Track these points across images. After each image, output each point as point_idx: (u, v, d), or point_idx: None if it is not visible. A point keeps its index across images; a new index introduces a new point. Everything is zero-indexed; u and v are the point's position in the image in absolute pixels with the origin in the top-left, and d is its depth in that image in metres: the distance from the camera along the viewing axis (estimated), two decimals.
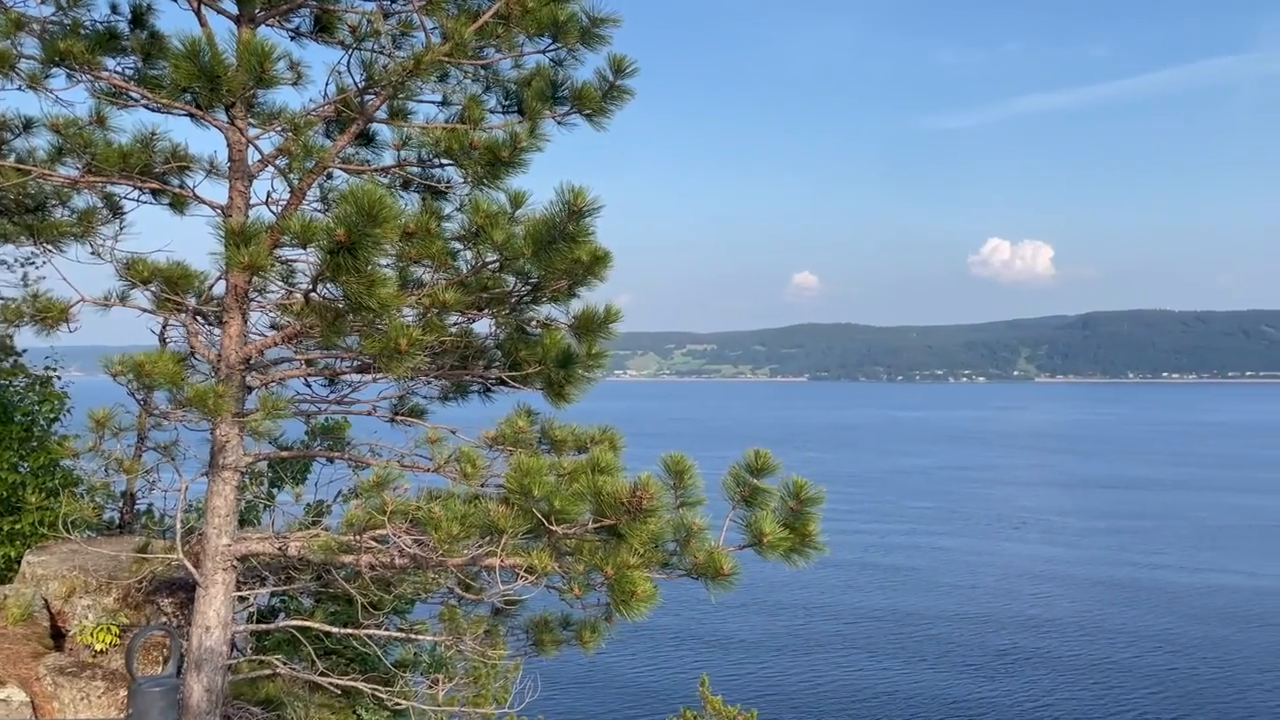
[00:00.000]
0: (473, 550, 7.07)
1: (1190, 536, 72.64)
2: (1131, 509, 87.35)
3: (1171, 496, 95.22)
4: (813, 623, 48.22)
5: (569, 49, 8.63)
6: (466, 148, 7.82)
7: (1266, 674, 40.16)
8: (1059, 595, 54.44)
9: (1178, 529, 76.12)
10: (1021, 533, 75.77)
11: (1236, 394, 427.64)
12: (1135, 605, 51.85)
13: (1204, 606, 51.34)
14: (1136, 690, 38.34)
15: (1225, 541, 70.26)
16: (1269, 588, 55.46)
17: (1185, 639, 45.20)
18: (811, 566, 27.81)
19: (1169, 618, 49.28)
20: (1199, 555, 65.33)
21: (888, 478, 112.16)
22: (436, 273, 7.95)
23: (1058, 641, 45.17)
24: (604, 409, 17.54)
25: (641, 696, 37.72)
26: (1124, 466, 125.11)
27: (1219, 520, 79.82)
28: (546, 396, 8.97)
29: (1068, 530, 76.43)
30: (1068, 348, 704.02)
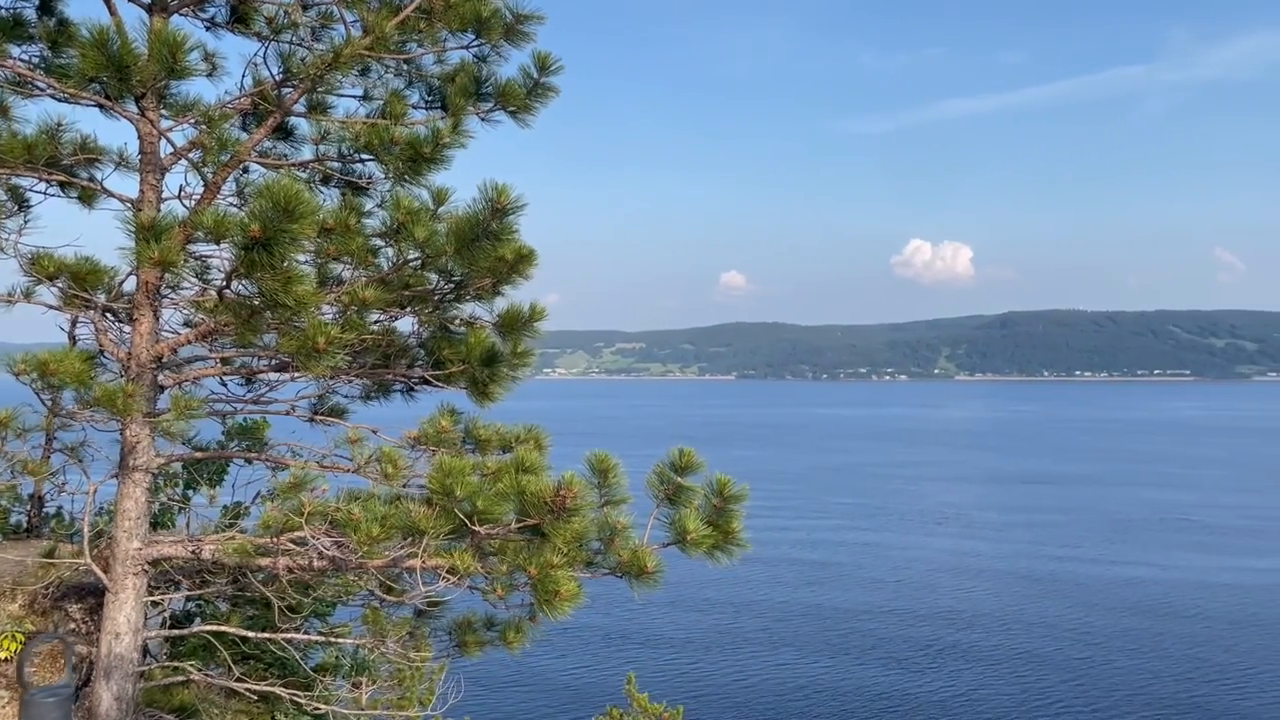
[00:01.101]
0: (394, 552, 6.97)
1: (1103, 531, 75.02)
2: (1047, 504, 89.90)
3: (1085, 492, 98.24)
4: (740, 620, 48.65)
5: (493, 45, 8.56)
6: (387, 143, 7.70)
7: (1176, 663, 41.67)
8: (980, 589, 55.77)
9: (1091, 523, 78.54)
10: (943, 528, 77.45)
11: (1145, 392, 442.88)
12: (1052, 598, 53.37)
13: (1117, 598, 53.06)
14: (1055, 682, 39.46)
15: (1136, 535, 72.71)
16: (1177, 579, 57.54)
17: (1100, 630, 46.65)
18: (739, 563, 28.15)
19: (1084, 610, 50.81)
20: (1111, 549, 67.51)
21: (813, 475, 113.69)
22: (357, 270, 7.81)
23: (979, 635, 46.26)
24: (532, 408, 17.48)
25: (569, 696, 37.65)
26: (1040, 463, 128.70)
27: (1130, 514, 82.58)
28: (471, 396, 8.88)
29: (987, 525, 78.34)
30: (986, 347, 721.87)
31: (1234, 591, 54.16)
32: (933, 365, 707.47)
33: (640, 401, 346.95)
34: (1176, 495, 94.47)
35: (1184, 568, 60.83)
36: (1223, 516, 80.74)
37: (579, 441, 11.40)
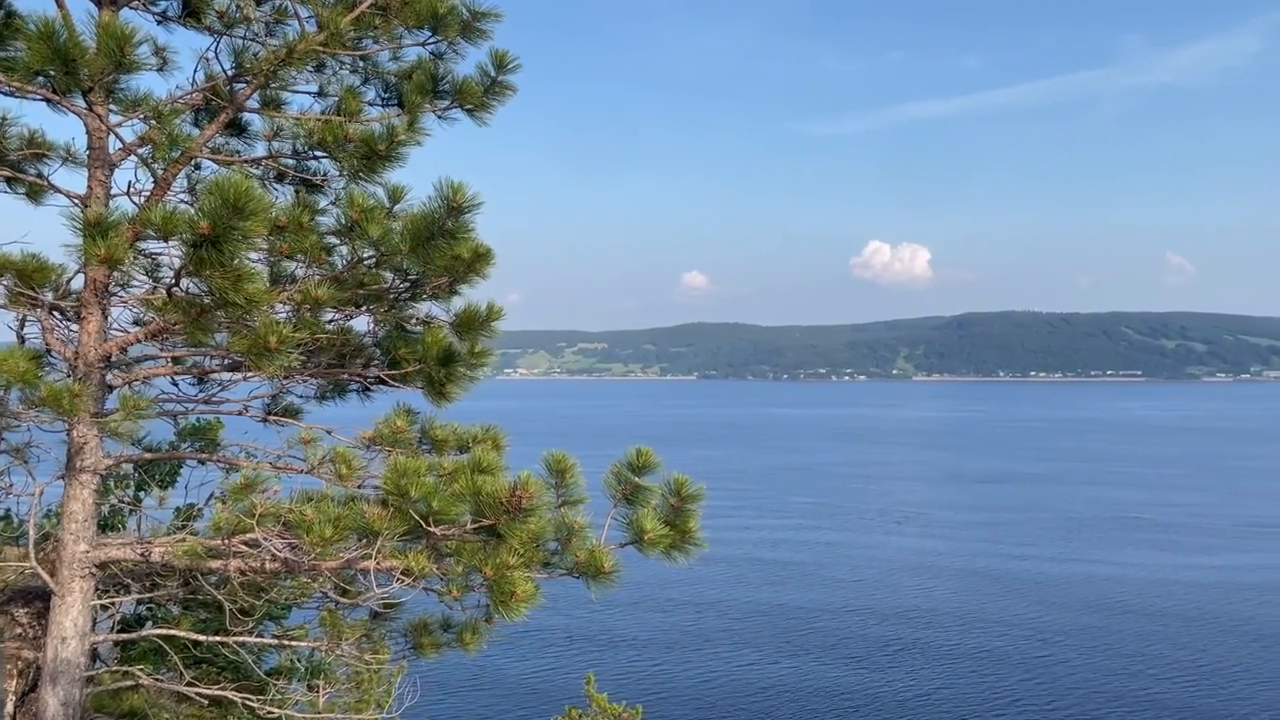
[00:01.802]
0: (348, 553, 6.89)
1: (1058, 529, 76.16)
2: (1003, 503, 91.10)
3: (1040, 490, 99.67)
4: (702, 619, 48.78)
5: (450, 43, 8.49)
6: (341, 140, 7.61)
7: (1130, 660, 42.39)
8: (939, 587, 56.39)
9: (1046, 522, 79.71)
10: (902, 527, 78.19)
11: (1098, 392, 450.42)
12: (1009, 596, 54.07)
13: (1072, 596, 53.89)
14: (1013, 679, 39.98)
15: (1090, 534, 73.90)
16: (1130, 577, 58.55)
17: (1056, 628, 47.37)
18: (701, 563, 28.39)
19: (1040, 607, 51.55)
20: (1066, 547, 68.56)
21: (774, 474, 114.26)
22: (310, 268, 7.72)
23: (938, 633, 46.77)
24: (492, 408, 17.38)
25: (528, 698, 37.52)
26: (996, 462, 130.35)
27: (1084, 513, 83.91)
28: (427, 395, 8.81)
29: (945, 524, 79.22)
30: (944, 348, 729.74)
31: (1185, 588, 55.20)
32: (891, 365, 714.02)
33: (601, 402, 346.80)
34: (1129, 494, 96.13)
35: (1137, 565, 61.90)
36: (1174, 515, 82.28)
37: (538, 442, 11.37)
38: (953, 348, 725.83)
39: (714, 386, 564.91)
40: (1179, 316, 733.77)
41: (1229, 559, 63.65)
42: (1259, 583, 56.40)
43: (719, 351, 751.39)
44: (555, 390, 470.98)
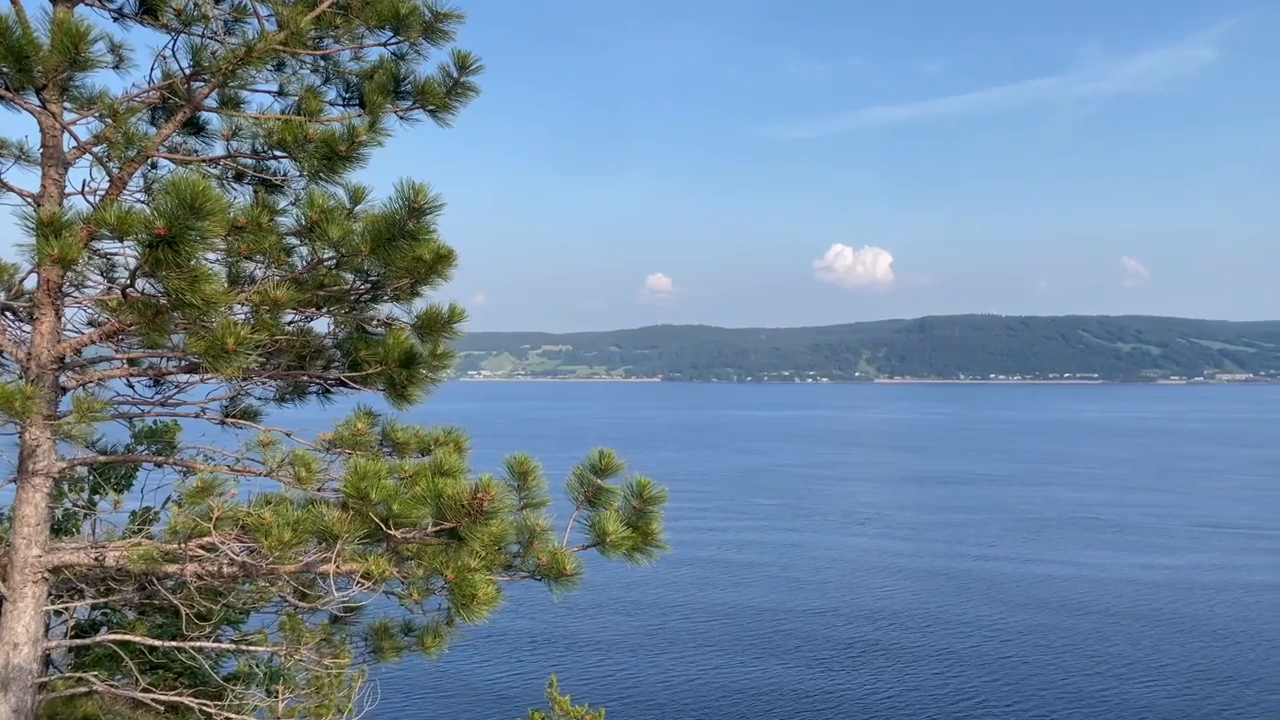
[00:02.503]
0: (307, 557, 6.83)
1: (1017, 529, 77.13)
2: (964, 504, 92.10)
3: (999, 491, 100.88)
4: (666, 621, 48.83)
5: (412, 43, 8.45)
6: (302, 140, 7.54)
7: (1087, 658, 43.01)
8: (900, 588, 56.88)
9: (1005, 522, 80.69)
10: (865, 528, 78.78)
11: (1055, 394, 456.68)
12: (969, 596, 54.66)
13: (1031, 595, 54.59)
14: (973, 678, 40.41)
15: (1048, 534, 74.91)
16: (1087, 576, 59.44)
17: (1015, 627, 47.95)
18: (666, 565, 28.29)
19: (1000, 607, 52.16)
20: (1025, 547, 69.44)
21: (739, 476, 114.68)
22: (269, 269, 7.64)
23: (900, 633, 47.17)
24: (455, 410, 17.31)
25: (492, 701, 37.36)
26: (956, 463, 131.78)
27: (1042, 513, 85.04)
28: (389, 398, 8.74)
29: (907, 525, 79.93)
30: (905, 350, 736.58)
31: (1140, 588, 56.13)
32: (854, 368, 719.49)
33: (566, 404, 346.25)
34: (1086, 495, 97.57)
35: (1094, 565, 62.84)
36: (1129, 515, 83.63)
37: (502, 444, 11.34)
38: (914, 350, 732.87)
39: (679, 388, 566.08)
40: (1134, 320, 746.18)
41: (1183, 559, 64.80)
42: (1212, 582, 57.48)
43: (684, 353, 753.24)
44: (520, 392, 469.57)
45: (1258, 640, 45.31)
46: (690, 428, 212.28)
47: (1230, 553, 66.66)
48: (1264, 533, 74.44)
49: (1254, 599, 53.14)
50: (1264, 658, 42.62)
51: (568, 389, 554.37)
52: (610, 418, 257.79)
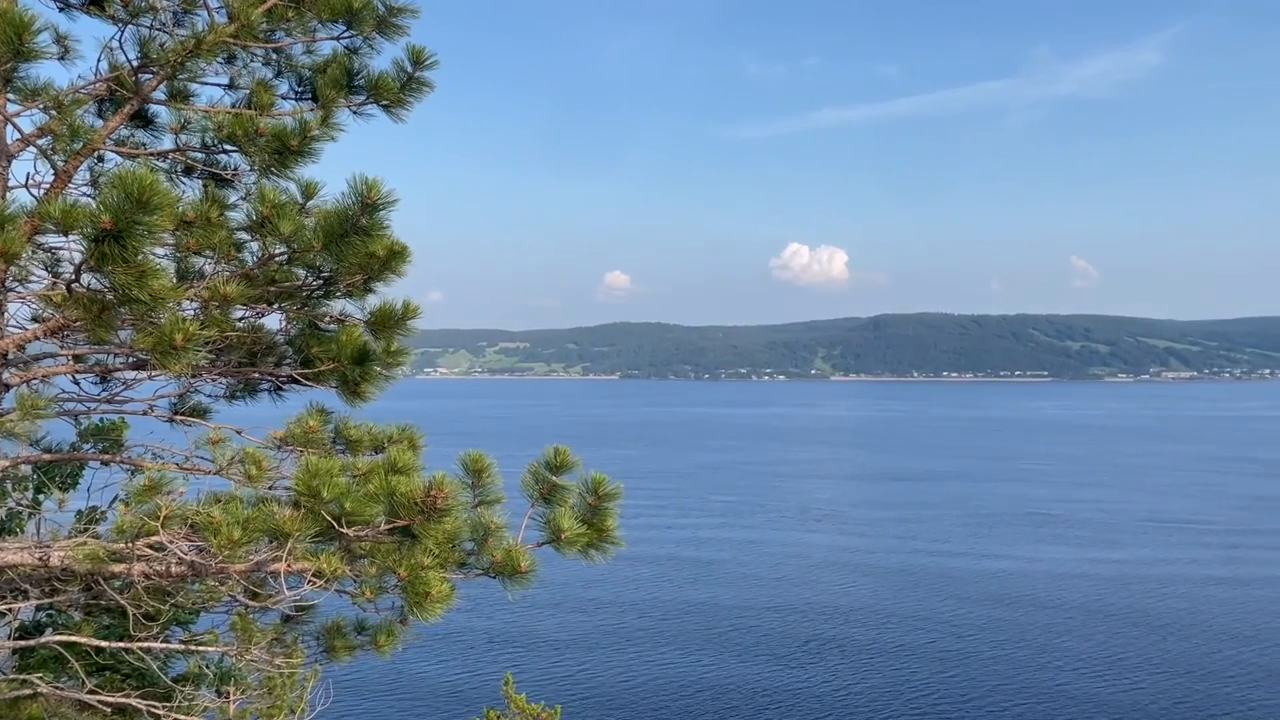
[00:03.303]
0: (257, 556, 6.76)
1: (970, 525, 78.23)
2: (918, 500, 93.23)
3: (952, 488, 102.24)
4: (624, 619, 48.89)
5: (365, 37, 8.37)
6: (252, 134, 7.44)
7: (1039, 652, 43.74)
8: (857, 584, 57.45)
9: (958, 518, 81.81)
10: (821, 524, 79.45)
11: (1007, 391, 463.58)
12: (924, 591, 55.35)
13: (984, 590, 55.40)
14: (929, 673, 40.93)
15: (1000, 529, 76.07)
16: (1039, 571, 60.45)
17: (969, 622, 48.65)
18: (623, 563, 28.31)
19: (954, 602, 52.88)
20: (978, 543, 70.46)
21: (696, 473, 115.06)
22: (219, 264, 7.54)
23: (856, 628, 47.65)
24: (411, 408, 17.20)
25: (448, 700, 37.17)
26: (910, 460, 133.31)
27: (994, 509, 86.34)
28: (342, 395, 8.67)
29: (862, 521, 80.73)
30: (860, 348, 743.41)
31: (1089, 582, 57.21)
32: (810, 366, 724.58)
33: (523, 401, 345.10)
34: (1037, 491, 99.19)
35: (1044, 560, 63.93)
36: (1078, 511, 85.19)
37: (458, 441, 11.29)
38: (868, 348, 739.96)
39: (636, 386, 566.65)
40: (1083, 319, 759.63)
41: (1130, 553, 66.13)
42: (1158, 575, 58.73)
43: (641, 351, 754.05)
44: (476, 390, 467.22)
45: (1204, 633, 46.38)
46: (648, 425, 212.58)
47: (1176, 547, 68.15)
48: (1208, 527, 76.18)
49: (1200, 592, 54.38)
50: (1210, 650, 43.64)
51: (525, 387, 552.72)
52: (568, 415, 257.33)
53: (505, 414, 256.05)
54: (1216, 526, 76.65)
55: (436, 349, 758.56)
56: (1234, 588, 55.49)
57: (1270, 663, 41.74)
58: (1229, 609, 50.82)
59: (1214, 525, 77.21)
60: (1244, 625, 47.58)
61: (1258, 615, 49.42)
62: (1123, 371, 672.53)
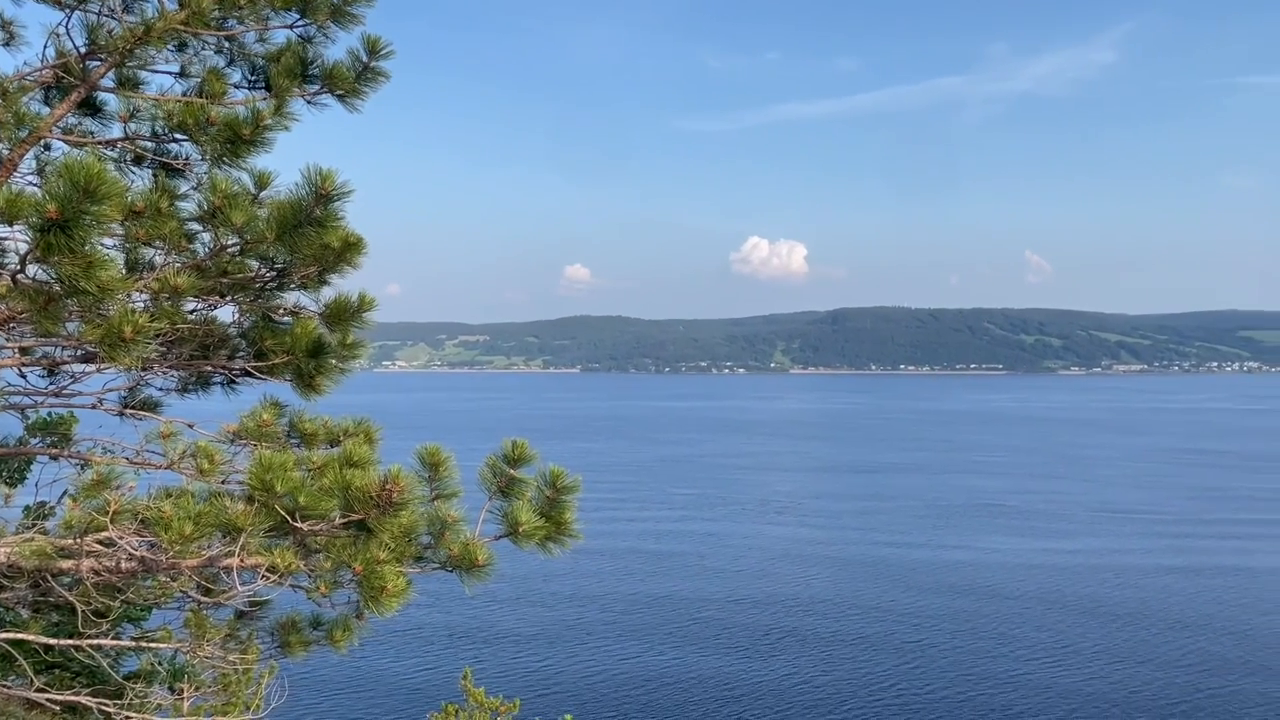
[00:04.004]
0: (210, 551, 6.67)
1: (927, 516, 79.17)
2: (876, 491, 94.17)
3: (910, 479, 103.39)
4: (586, 612, 48.90)
5: (319, 26, 8.27)
6: (203, 123, 7.32)
7: (995, 641, 44.39)
8: (816, 575, 57.92)
9: (916, 509, 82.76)
10: (782, 516, 79.99)
11: (962, 384, 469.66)
12: (883, 582, 55.95)
13: (941, 581, 56.11)
14: (886, 661, 41.39)
15: (957, 520, 77.08)
16: (994, 562, 61.33)
17: (926, 612, 49.25)
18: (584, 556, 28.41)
19: (911, 592, 53.51)
20: (935, 534, 71.33)
21: (656, 466, 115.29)
22: (170, 255, 7.41)
23: (817, 619, 48.05)
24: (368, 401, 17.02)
25: (407, 695, 36.98)
26: (869, 452, 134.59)
27: (951, 501, 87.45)
28: (296, 388, 8.56)
29: (822, 513, 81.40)
30: (819, 341, 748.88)
31: (1045, 572, 58.16)
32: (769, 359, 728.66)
33: (482, 394, 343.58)
34: (993, 482, 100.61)
35: (1000, 550, 64.88)
36: (1033, 502, 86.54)
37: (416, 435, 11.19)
38: (827, 341, 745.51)
39: (597, 379, 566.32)
40: (1037, 313, 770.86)
41: (1084, 543, 67.31)
42: (1110, 565, 59.84)
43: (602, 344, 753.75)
44: (436, 383, 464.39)
45: (1155, 621, 47.34)
46: (608, 418, 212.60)
47: (1127, 537, 69.46)
48: (1158, 517, 77.73)
49: (1150, 581, 55.49)
50: (1161, 638, 44.56)
51: (485, 380, 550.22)
52: (528, 408, 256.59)
53: (464, 407, 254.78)
54: (1166, 517, 78.23)
55: (395, 342, 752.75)
56: (1183, 577, 56.70)
57: (1219, 650, 42.72)
58: (1178, 598, 51.92)
59: (1163, 515, 78.81)
60: (1193, 613, 48.64)
61: (1206, 604, 50.54)
62: (1075, 364, 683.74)
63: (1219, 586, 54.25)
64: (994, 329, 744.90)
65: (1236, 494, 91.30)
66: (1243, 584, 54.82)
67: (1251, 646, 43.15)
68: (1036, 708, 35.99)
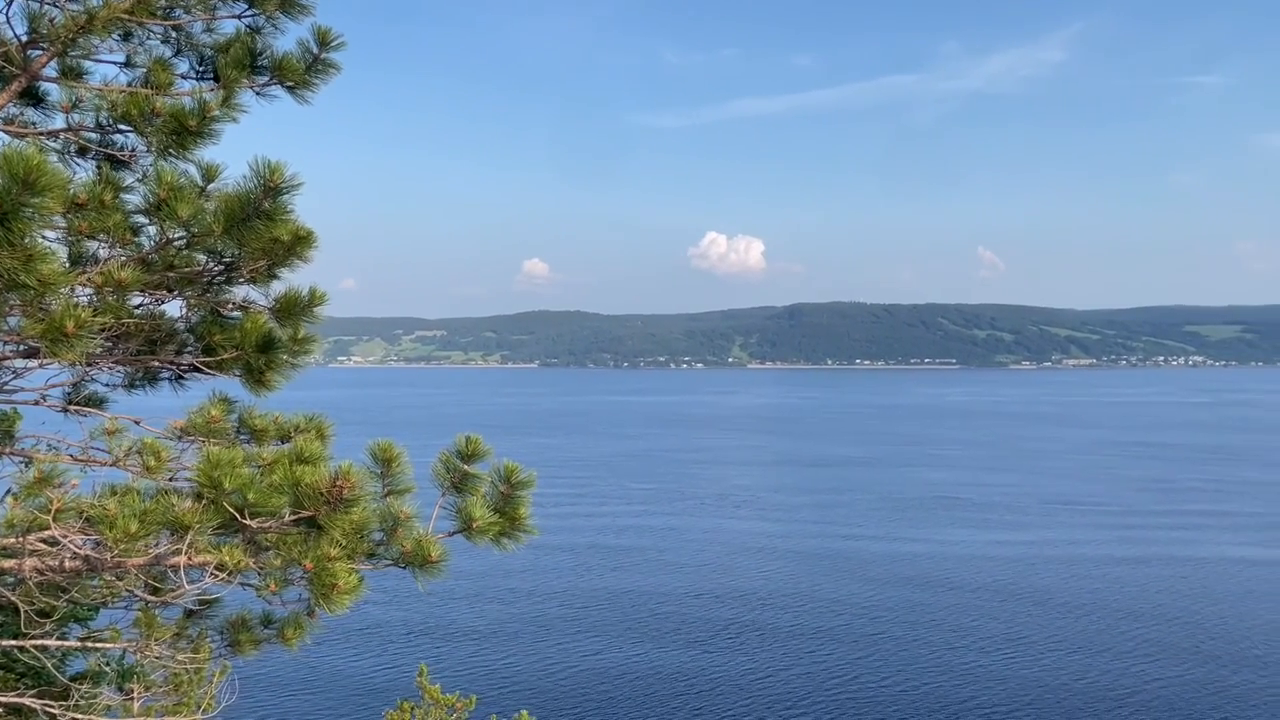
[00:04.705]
0: (156, 549, 6.56)
1: (884, 509, 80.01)
2: (833, 485, 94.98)
3: (866, 473, 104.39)
4: (545, 608, 48.78)
5: (268, 16, 8.14)
6: (149, 114, 7.18)
7: (950, 632, 44.97)
8: (775, 569, 58.29)
9: (872, 503, 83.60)
10: (741, 511, 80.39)
11: (917, 378, 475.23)
12: (840, 575, 56.44)
13: (897, 573, 56.72)
14: (843, 654, 41.76)
15: (913, 513, 77.96)
16: (949, 554, 62.12)
17: (882, 603, 49.77)
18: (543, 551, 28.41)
19: (868, 584, 54.05)
20: (891, 526, 72.11)
21: (615, 461, 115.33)
22: (114, 249, 7.27)
23: (775, 612, 48.36)
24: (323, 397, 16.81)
25: (365, 693, 36.67)
26: (826, 446, 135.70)
27: (907, 494, 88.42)
28: (245, 383, 8.44)
29: (780, 507, 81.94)
30: (776, 336, 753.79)
31: (997, 563, 59.04)
32: (727, 354, 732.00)
33: (439, 390, 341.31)
34: (946, 475, 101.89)
35: (954, 542, 65.74)
36: (987, 494, 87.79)
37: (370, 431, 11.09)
38: (784, 336, 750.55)
39: (555, 374, 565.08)
40: (989, 309, 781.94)
41: (1034, 535, 68.42)
42: (1061, 556, 60.90)
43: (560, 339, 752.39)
44: (392, 379, 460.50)
45: (1104, 611, 48.26)
46: (567, 413, 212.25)
47: (1077, 528, 70.72)
48: (1107, 509, 79.24)
49: (1100, 572, 56.56)
50: (1109, 627, 45.43)
51: (442, 375, 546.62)
52: (486, 404, 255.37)
53: (421, 403, 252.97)
54: (1115, 508, 79.76)
55: (350, 337, 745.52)
56: (1132, 567, 57.86)
57: (1167, 638, 43.67)
58: (1127, 587, 52.99)
59: (1112, 507, 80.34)
60: (1141, 603, 49.66)
61: (1154, 593, 51.62)
62: (1026, 359, 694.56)
63: (1166, 576, 55.45)
64: (947, 324, 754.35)
65: (1182, 485, 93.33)
66: (1188, 573, 56.08)
67: (1198, 634, 44.16)
68: (992, 698, 36.56)
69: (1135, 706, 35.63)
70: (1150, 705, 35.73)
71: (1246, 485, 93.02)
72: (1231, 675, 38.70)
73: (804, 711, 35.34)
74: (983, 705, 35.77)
